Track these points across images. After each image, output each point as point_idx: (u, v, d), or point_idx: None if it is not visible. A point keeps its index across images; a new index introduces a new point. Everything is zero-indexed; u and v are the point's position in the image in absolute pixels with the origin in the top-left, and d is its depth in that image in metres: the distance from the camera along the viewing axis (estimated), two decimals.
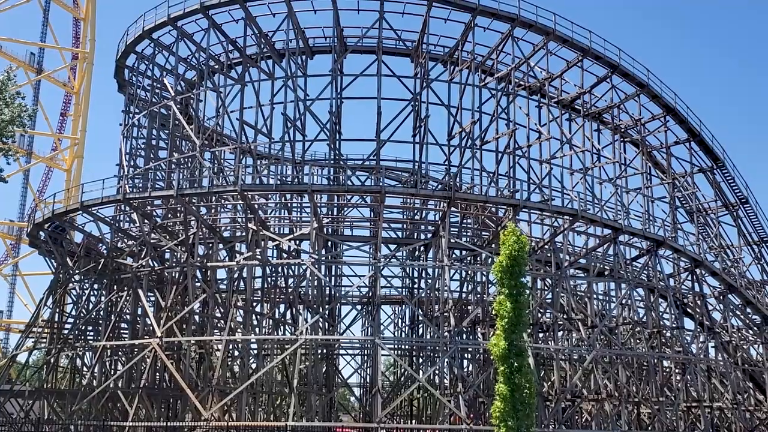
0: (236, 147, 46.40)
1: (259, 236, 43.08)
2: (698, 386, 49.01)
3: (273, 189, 43.14)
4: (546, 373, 53.62)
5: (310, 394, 44.01)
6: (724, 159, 55.94)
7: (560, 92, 53.44)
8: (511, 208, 43.09)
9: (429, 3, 44.81)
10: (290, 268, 49.32)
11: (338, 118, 49.20)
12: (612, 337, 47.37)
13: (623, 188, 52.58)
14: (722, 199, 57.68)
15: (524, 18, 46.35)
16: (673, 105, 52.63)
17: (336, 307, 53.37)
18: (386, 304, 62.90)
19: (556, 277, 44.71)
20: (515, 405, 25.89)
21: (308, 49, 50.26)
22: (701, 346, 52.14)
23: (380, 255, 42.94)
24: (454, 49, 50.42)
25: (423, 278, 53.46)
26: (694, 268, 51.54)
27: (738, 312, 56.02)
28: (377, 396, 39.51)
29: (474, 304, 49.35)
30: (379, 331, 41.28)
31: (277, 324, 50.46)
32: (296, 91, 45.99)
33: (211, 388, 40.55)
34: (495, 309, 27.02)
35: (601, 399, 45.51)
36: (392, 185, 42.77)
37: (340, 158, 49.15)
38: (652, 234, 48.37)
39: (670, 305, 50.53)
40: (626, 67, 50.13)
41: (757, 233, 58.55)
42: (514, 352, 26.30)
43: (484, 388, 45.23)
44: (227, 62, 50.75)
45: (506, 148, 47.72)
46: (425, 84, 46.31)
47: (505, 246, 26.75)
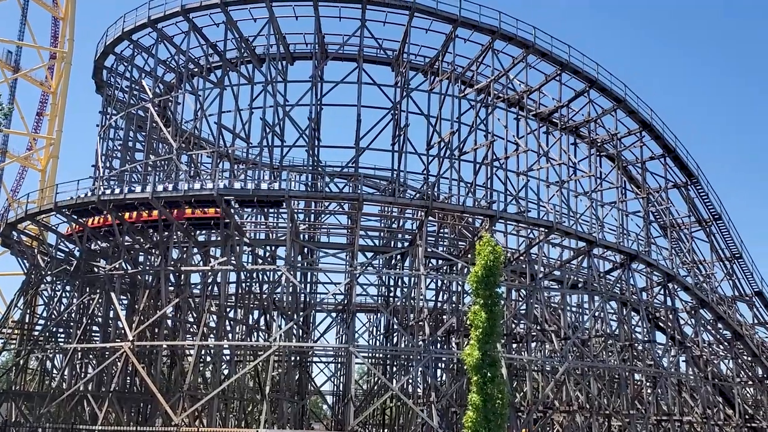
0: (213, 151, 46.21)
1: (234, 241, 42.86)
2: (669, 400, 49.49)
3: (250, 194, 42.94)
4: (518, 384, 53.79)
5: (282, 401, 43.77)
6: (698, 175, 56.68)
7: (538, 105, 53.87)
8: (487, 218, 43.28)
9: (411, 13, 45.01)
10: (265, 273, 49.09)
11: (317, 125, 49.17)
12: (584, 349, 47.67)
13: (598, 202, 53.07)
14: (696, 215, 58.39)
15: (504, 31, 46.72)
16: (649, 121, 53.26)
17: (311, 314, 53.20)
18: (361, 312, 62.79)
19: (531, 288, 44.94)
20: (487, 415, 25.98)
21: (289, 54, 50.24)
22: (672, 360, 52.64)
23: (356, 263, 42.91)
24: (434, 59, 50.66)
25: (399, 287, 53.50)
26: (667, 282, 52.07)
27: (709, 327, 56.65)
28: (350, 404, 39.44)
29: (449, 313, 49.43)
30: (353, 339, 41.26)
31: (251, 330, 50.17)
32: (276, 97, 45.96)
33: (182, 394, 40.19)
34: (470, 319, 27.14)
35: (572, 411, 45.73)
36: (370, 193, 42.80)
37: (319, 165, 49.08)
38: (626, 248, 48.80)
39: (642, 319, 51.00)
40: (604, 82, 50.68)
41: (729, 249, 59.26)
42: (487, 363, 26.42)
43: (457, 398, 45.29)
44: (207, 66, 50.57)
45: (484, 159, 47.95)
46: (405, 93, 46.48)
47: (480, 256, 26.90)
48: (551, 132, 54.25)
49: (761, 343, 60.39)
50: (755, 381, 58.71)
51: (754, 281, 60.35)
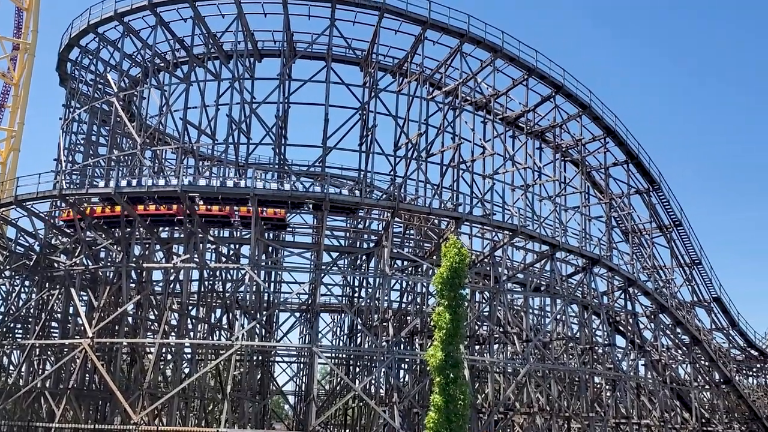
0: (178, 147, 45.71)
1: (197, 238, 42.46)
2: (627, 403, 50.13)
3: (214, 191, 42.57)
4: (480, 386, 54.12)
5: (243, 400, 43.46)
6: (660, 182, 57.54)
7: (505, 109, 54.24)
8: (453, 220, 43.45)
9: (380, 14, 45.04)
10: (229, 272, 48.72)
11: (284, 123, 48.96)
12: (546, 352, 48.13)
13: (562, 206, 53.59)
14: (657, 221, 59.26)
15: (473, 34, 46.99)
16: (613, 127, 53.94)
17: (274, 313, 52.90)
18: (325, 312, 62.68)
19: (494, 290, 45.23)
20: (449, 416, 26.11)
21: (257, 51, 49.94)
22: (631, 363, 53.36)
23: (321, 262, 42.77)
24: (403, 60, 50.75)
25: (364, 287, 53.46)
26: (628, 286, 52.79)
27: (668, 331, 57.54)
28: (312, 404, 39.27)
29: (413, 314, 49.55)
30: (316, 339, 41.08)
31: (213, 329, 49.74)
32: (243, 94, 45.62)
33: (142, 392, 39.70)
34: (434, 320, 27.24)
35: (533, 413, 46.12)
36: (336, 193, 42.60)
37: (285, 163, 48.82)
38: (588, 252, 49.37)
39: (603, 322, 51.64)
40: (570, 88, 51.22)
41: (689, 255, 60.24)
42: (450, 364, 26.55)
43: (419, 399, 45.40)
44: (173, 61, 50.02)
45: (451, 162, 48.14)
46: (374, 93, 46.48)
47: (446, 258, 27.03)
48: (517, 136, 54.68)
49: (718, 348, 61.52)
50: (712, 385, 59.75)
51: (713, 287, 61.46)
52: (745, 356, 69.87)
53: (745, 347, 68.28)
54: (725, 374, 58.35)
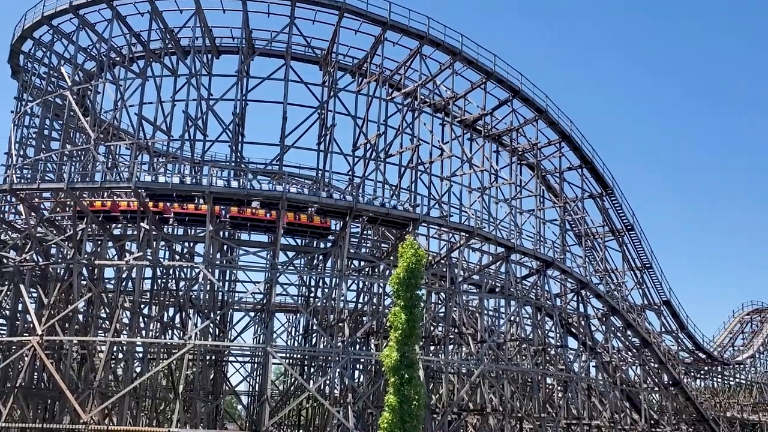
0: (133, 143, 45.02)
1: (151, 236, 41.88)
2: (578, 404, 50.87)
3: (169, 188, 42.06)
4: (435, 386, 54.37)
5: (195, 400, 42.99)
6: (613, 187, 58.52)
7: (463, 112, 54.61)
8: (411, 221, 43.57)
9: (340, 13, 44.96)
10: (182, 270, 48.14)
11: (242, 120, 48.53)
12: (499, 353, 48.55)
13: (517, 209, 54.14)
14: (609, 225, 60.25)
15: (433, 36, 47.20)
16: (568, 132, 54.67)
17: (228, 312, 52.42)
18: (280, 312, 62.32)
19: (450, 291, 45.47)
20: (403, 416, 26.12)
21: (215, 48, 49.45)
22: (583, 365, 54.18)
23: (277, 262, 42.52)
24: (363, 60, 50.74)
25: (320, 287, 53.29)
26: (580, 289, 53.57)
27: (619, 334, 58.53)
28: (265, 405, 39.00)
29: (369, 315, 49.54)
30: (271, 339, 40.84)
31: (165, 327, 49.09)
32: (199, 90, 45.10)
33: (92, 391, 39.01)
34: (390, 320, 27.25)
35: (486, 413, 46.50)
36: (294, 192, 42.39)
37: (242, 161, 48.42)
38: (542, 254, 49.97)
39: (555, 324, 52.31)
40: (527, 93, 51.77)
41: (640, 259, 61.38)
42: (405, 364, 26.58)
43: (373, 400, 45.42)
44: (129, 55, 49.23)
45: (409, 163, 48.28)
46: (333, 93, 46.37)
47: (403, 258, 27.06)
48: (475, 139, 55.08)
49: (668, 351, 62.81)
50: (661, 387, 60.98)
51: (663, 291, 62.77)
52: (694, 359, 71.54)
53: (694, 350, 69.89)
54: (674, 376, 59.59)
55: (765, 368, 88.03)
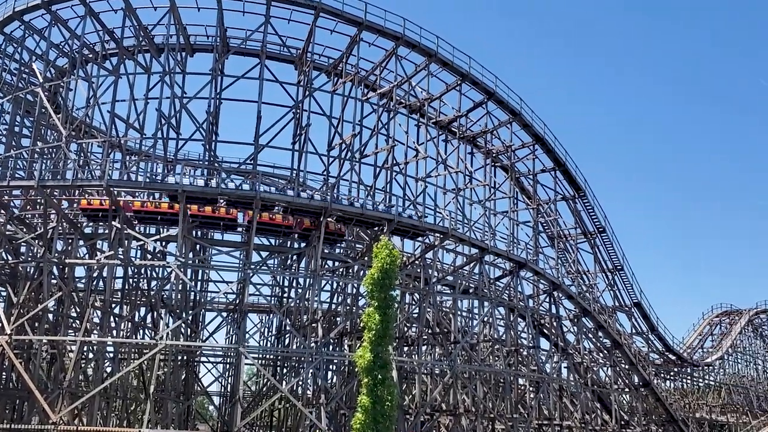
0: (105, 140, 44.54)
1: (123, 235, 41.46)
2: (550, 404, 51.21)
3: (141, 187, 41.67)
4: (408, 387, 54.45)
5: (166, 401, 42.63)
6: (585, 189, 59.03)
7: (439, 113, 54.77)
8: (385, 222, 43.60)
9: (316, 13, 44.86)
10: (154, 269, 47.70)
11: (216, 119, 48.22)
12: (472, 354, 48.72)
13: (491, 210, 54.43)
14: (581, 227, 60.76)
15: (408, 38, 47.27)
16: (542, 135, 55.07)
17: (200, 312, 52.05)
18: (253, 313, 61.98)
19: (424, 292, 45.55)
20: (376, 417, 26.12)
21: (189, 46, 49.09)
22: (555, 366, 54.56)
23: (251, 262, 42.30)
24: (338, 60, 50.67)
25: (293, 288, 53.10)
26: (552, 290, 53.95)
27: (590, 335, 59.02)
28: (237, 405, 38.78)
29: (343, 315, 49.47)
30: (243, 340, 40.63)
31: (137, 327, 48.62)
32: (173, 88, 44.70)
33: (61, 391, 38.53)
34: (363, 321, 27.24)
35: (458, 414, 46.64)
36: (268, 191, 42.21)
37: (215, 160, 48.10)
38: (516, 256, 50.24)
39: (528, 325, 52.63)
40: (501, 95, 52.06)
41: (612, 261, 61.97)
42: (378, 365, 26.58)
43: (347, 400, 45.34)
44: (102, 52, 48.64)
45: (384, 164, 48.31)
46: (308, 92, 46.24)
47: (377, 259, 27.07)
48: (450, 140, 55.29)
49: (638, 352, 63.46)
50: (631, 388, 61.57)
51: (634, 292, 63.43)
52: (664, 360, 72.35)
53: (664, 351, 70.70)
54: (644, 377, 60.19)
55: (733, 370, 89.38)
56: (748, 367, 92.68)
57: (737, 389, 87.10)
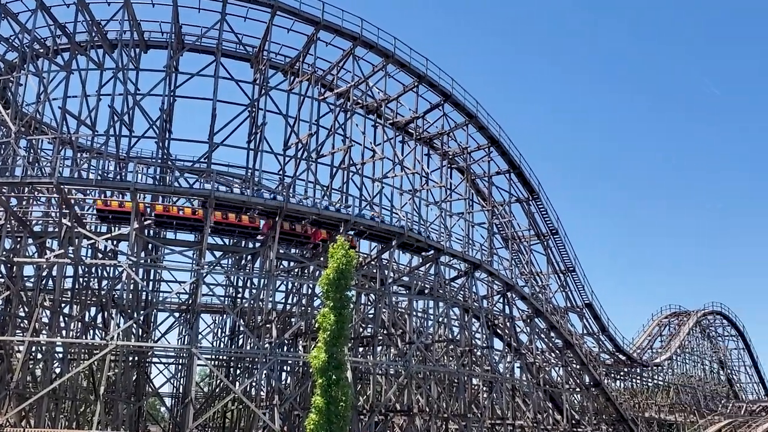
0: (56, 137, 43.67)
1: (73, 233, 40.67)
2: (503, 404, 51.66)
3: (93, 184, 40.93)
4: (362, 387, 54.43)
5: (117, 402, 41.94)
6: (539, 191, 59.77)
7: (396, 114, 54.90)
8: (342, 222, 43.54)
9: (273, 11, 44.61)
10: (105, 269, 46.90)
11: (169, 116, 47.57)
12: (427, 354, 48.92)
13: (447, 212, 54.76)
14: (535, 229, 61.51)
15: (366, 38, 47.29)
16: (497, 137, 55.60)
17: (152, 312, 51.30)
18: (206, 313, 61.33)
19: (380, 293, 45.59)
20: (330, 417, 26.10)
21: (143, 42, 48.40)
22: (508, 365, 55.08)
23: (204, 261, 41.85)
24: (295, 59, 50.45)
25: (248, 288, 52.65)
26: (506, 291, 54.47)
27: (543, 335, 59.75)
28: (189, 407, 38.33)
29: (298, 316, 49.24)
30: (196, 340, 40.15)
31: (87, 327, 47.72)
32: (126, 84, 44.03)
33: (8, 392, 37.61)
34: (318, 321, 27.18)
35: (412, 414, 46.79)
36: (222, 190, 41.80)
37: (169, 158, 47.47)
38: (471, 257, 50.60)
39: (482, 325, 53.05)
40: (458, 98, 52.39)
41: (564, 263, 62.84)
42: (333, 365, 26.55)
43: (300, 401, 45.16)
44: (54, 47, 47.65)
45: (341, 164, 48.24)
46: (264, 91, 45.93)
47: (333, 259, 27.03)
48: (407, 141, 55.46)
49: (589, 353, 64.42)
50: (582, 388, 62.50)
51: (585, 293, 64.40)
52: (614, 360, 73.59)
53: (614, 352, 71.91)
54: (595, 377, 61.14)
55: (682, 370, 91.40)
56: (695, 368, 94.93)
57: (685, 389, 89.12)
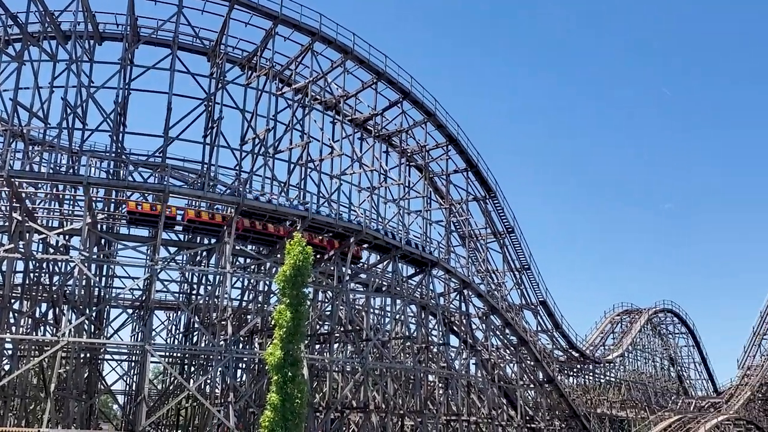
0: (6, 129, 42.62)
1: (23, 227, 39.75)
2: (458, 400, 52.02)
3: (44, 178, 40.04)
4: (319, 384, 54.30)
5: (68, 399, 41.15)
6: (496, 190, 60.28)
7: (354, 111, 54.81)
8: (299, 219, 43.31)
9: (231, 4, 44.16)
10: (57, 264, 45.96)
11: (124, 110, 46.76)
12: (384, 351, 48.98)
13: (405, 209, 54.87)
14: (492, 227, 62.03)
15: (324, 34, 47.10)
16: (455, 136, 55.87)
17: (104, 309, 50.42)
18: (160, 310, 60.45)
19: (337, 290, 45.49)
20: (285, 414, 25.94)
21: (97, 34, 47.46)
22: (463, 362, 55.46)
23: (158, 257, 41.26)
24: (253, 54, 50.02)
25: (203, 284, 52.09)
26: (462, 289, 54.83)
27: (498, 332, 60.28)
28: (142, 404, 37.77)
29: (254, 313, 48.86)
30: (150, 337, 39.53)
31: (37, 324, 46.74)
32: (80, 77, 43.13)
33: None
34: (274, 318, 26.99)
35: (368, 411, 46.81)
36: (177, 185, 41.24)
37: (123, 152, 46.67)
38: (428, 255, 50.78)
39: (438, 322, 53.30)
40: (416, 95, 52.52)
41: (520, 261, 63.52)
42: (289, 362, 26.40)
43: (256, 399, 44.84)
44: (5, 38, 46.43)
45: (299, 160, 47.97)
46: (221, 85, 45.44)
47: (290, 256, 26.86)
48: (365, 138, 55.43)
49: (543, 349, 65.18)
50: (536, 384, 63.23)
51: (540, 291, 65.18)
52: (567, 357, 74.63)
53: (567, 348, 72.93)
54: (549, 374, 61.91)
55: (633, 367, 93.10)
56: (646, 364, 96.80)
57: (636, 385, 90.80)
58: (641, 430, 78.91)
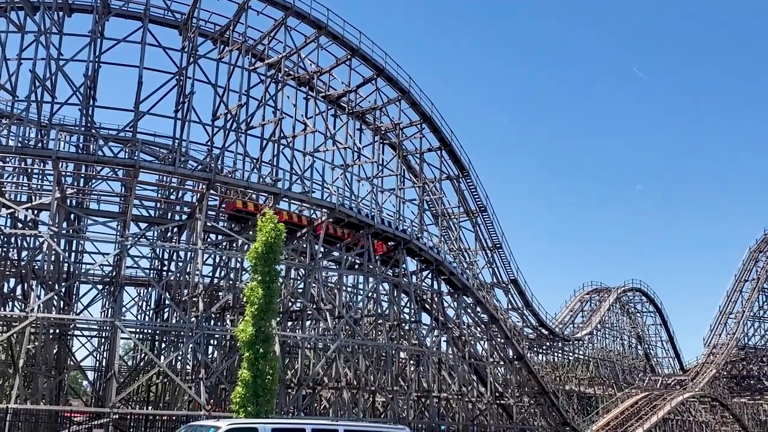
0: None
1: None
2: (429, 377, 52.41)
3: (12, 152, 39.39)
4: (291, 361, 54.38)
5: (37, 375, 40.83)
6: (469, 169, 60.37)
7: (328, 88, 54.41)
8: (272, 196, 43.07)
9: None
10: (25, 239, 45.35)
11: (94, 83, 46.01)
12: (356, 328, 49.15)
13: (379, 188, 54.81)
14: (464, 206, 62.23)
15: (298, 8, 46.62)
16: (429, 114, 55.77)
17: (74, 284, 49.93)
18: (131, 286, 60.02)
19: (310, 267, 45.45)
20: (257, 391, 26.00)
21: (67, 5, 46.50)
22: (435, 340, 55.83)
23: (128, 233, 40.87)
24: (225, 28, 49.38)
25: (174, 261, 51.74)
26: (435, 267, 55.02)
27: (469, 310, 60.69)
28: (112, 380, 37.60)
29: (225, 290, 48.70)
30: (120, 313, 39.26)
31: (5, 299, 46.14)
32: (49, 49, 42.31)
33: None
34: (246, 295, 26.94)
35: (340, 387, 47.01)
36: (148, 160, 40.78)
37: (93, 126, 46.00)
38: (401, 233, 50.87)
39: (411, 300, 53.53)
40: (391, 72, 52.26)
41: (492, 239, 63.86)
42: (261, 339, 26.42)
43: (227, 375, 44.83)
44: None
45: (271, 136, 47.62)
46: (192, 59, 44.86)
47: (262, 233, 26.77)
48: (339, 115, 55.10)
49: (513, 327, 65.79)
50: (506, 361, 63.80)
51: (511, 270, 65.66)
52: (537, 335, 75.48)
53: (537, 326, 73.73)
54: (518, 351, 62.50)
55: (602, 345, 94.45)
56: (615, 342, 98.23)
57: (604, 363, 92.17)
58: (608, 406, 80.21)
